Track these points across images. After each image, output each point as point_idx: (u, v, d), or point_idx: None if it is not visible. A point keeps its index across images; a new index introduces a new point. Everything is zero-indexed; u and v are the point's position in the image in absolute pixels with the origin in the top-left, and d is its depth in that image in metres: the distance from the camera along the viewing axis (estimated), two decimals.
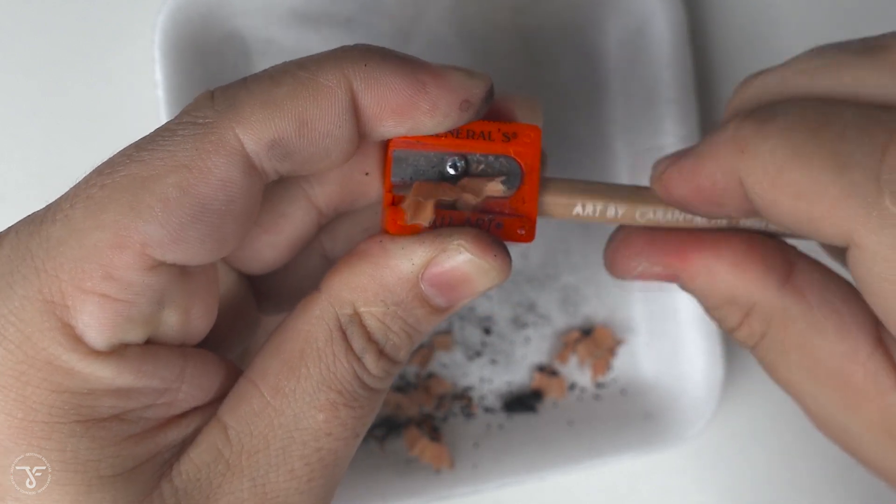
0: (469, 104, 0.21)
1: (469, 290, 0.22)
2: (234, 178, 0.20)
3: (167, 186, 0.19)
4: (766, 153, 0.21)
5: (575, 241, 0.39)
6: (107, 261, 0.19)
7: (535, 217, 0.23)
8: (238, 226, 0.20)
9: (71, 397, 0.19)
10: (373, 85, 0.20)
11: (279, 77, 0.20)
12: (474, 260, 0.22)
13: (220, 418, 0.21)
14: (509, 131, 0.23)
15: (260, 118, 0.20)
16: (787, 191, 0.21)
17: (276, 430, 0.21)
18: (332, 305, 0.22)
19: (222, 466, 0.21)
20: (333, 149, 0.21)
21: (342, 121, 0.20)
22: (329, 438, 0.22)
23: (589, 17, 0.38)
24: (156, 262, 0.19)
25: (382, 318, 0.22)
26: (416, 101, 0.21)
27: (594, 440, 0.37)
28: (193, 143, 0.19)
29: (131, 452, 0.20)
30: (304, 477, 0.21)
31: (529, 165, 0.23)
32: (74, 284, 0.19)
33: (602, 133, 0.39)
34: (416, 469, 0.37)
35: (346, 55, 0.21)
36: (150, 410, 0.21)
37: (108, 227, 0.19)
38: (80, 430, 0.19)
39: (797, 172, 0.20)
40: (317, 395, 0.21)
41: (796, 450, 0.41)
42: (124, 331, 0.20)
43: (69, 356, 0.19)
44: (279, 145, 0.20)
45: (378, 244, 0.22)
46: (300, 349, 0.21)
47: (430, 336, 0.38)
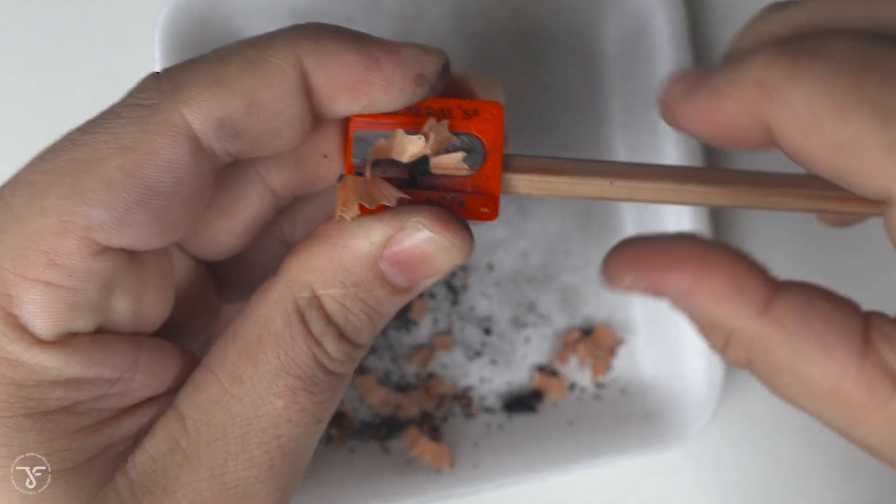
0: (424, 79, 0.21)
1: (430, 268, 0.22)
2: (181, 159, 0.19)
3: (111, 169, 0.19)
4: (801, 100, 0.19)
5: (575, 241, 0.39)
6: (49, 247, 0.18)
7: (498, 194, 0.22)
8: (187, 209, 0.20)
9: (17, 389, 0.19)
10: (324, 62, 0.20)
11: (227, 56, 0.20)
12: (434, 238, 0.21)
13: (177, 408, 0.21)
14: (470, 108, 0.22)
15: (207, 97, 0.19)
16: (825, 143, 0.19)
17: (234, 418, 0.20)
18: (289, 289, 0.21)
19: (179, 457, 0.20)
20: (285, 128, 0.20)
21: (293, 99, 0.20)
22: (289, 425, 0.21)
23: (589, 18, 0.38)
24: (101, 247, 0.19)
25: (342, 300, 0.21)
26: (369, 76, 0.20)
27: (594, 440, 0.37)
28: (138, 125, 0.19)
29: (82, 445, 0.20)
30: (265, 465, 0.21)
31: (492, 143, 0.22)
32: (17, 272, 0.18)
33: (602, 133, 0.39)
34: (416, 469, 0.37)
35: (297, 33, 0.20)
36: (102, 401, 0.20)
37: (50, 212, 0.18)
38: (27, 423, 0.19)
39: (836, 125, 0.19)
40: (275, 380, 0.21)
41: (796, 450, 0.41)
42: (71, 319, 0.19)
43: (13, 346, 0.19)
44: (228, 125, 0.20)
45: (335, 224, 0.21)
46: (258, 334, 0.21)
47: (431, 336, 0.38)
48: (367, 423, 0.38)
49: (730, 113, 0.21)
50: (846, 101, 0.19)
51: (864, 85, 0.19)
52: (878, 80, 0.19)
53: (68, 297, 0.19)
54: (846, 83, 0.19)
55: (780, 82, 0.19)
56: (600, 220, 0.39)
